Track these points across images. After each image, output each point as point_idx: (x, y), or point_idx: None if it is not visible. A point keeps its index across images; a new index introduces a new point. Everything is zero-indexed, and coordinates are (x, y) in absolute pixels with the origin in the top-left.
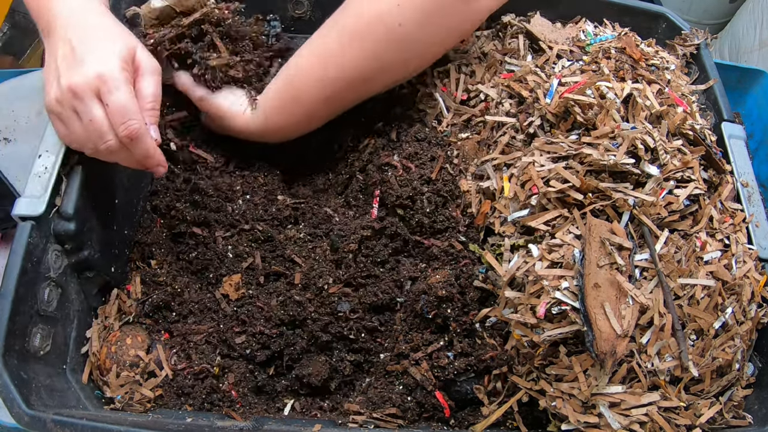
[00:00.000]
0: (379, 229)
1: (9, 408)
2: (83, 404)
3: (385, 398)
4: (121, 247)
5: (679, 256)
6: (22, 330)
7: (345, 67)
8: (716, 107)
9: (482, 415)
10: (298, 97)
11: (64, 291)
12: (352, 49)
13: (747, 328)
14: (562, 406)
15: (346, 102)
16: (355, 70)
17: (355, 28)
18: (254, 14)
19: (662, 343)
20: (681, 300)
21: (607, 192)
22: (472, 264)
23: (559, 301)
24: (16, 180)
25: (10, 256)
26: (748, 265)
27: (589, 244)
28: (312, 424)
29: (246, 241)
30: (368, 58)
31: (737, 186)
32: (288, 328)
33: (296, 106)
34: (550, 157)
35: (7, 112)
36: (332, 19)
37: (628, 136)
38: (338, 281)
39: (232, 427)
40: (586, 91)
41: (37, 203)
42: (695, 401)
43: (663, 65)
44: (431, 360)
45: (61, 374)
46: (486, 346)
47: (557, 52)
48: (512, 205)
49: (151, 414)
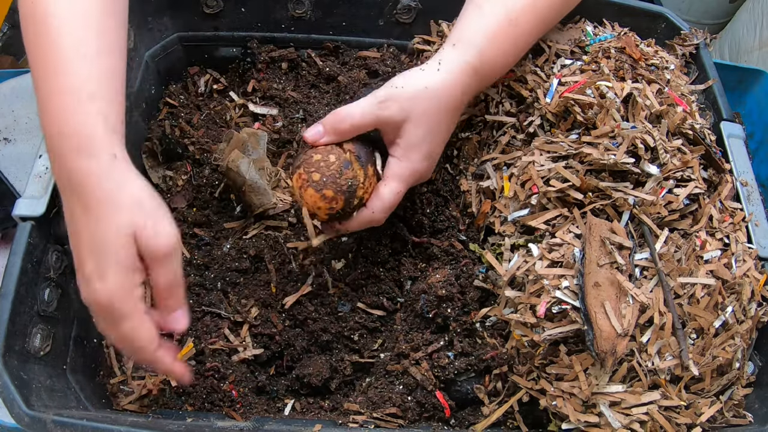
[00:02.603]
0: (379, 229)
1: (9, 408)
2: (83, 405)
3: (386, 398)
4: None
5: (679, 255)
6: (22, 330)
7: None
8: (715, 107)
9: (483, 415)
10: (516, 20)
11: (65, 291)
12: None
13: (747, 327)
14: (562, 406)
15: (549, 24)
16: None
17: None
18: (254, 14)
19: (662, 342)
20: (681, 299)
21: (607, 191)
22: (472, 264)
23: (559, 300)
24: (16, 180)
25: (11, 257)
26: (748, 264)
27: (590, 244)
28: (312, 424)
29: (249, 242)
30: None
31: (737, 185)
32: (289, 327)
33: (514, 29)
34: (550, 157)
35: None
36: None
37: (628, 136)
38: (338, 281)
39: (233, 427)
40: (586, 90)
41: (37, 204)
42: (695, 400)
43: (663, 65)
44: (431, 360)
45: (62, 375)
46: (486, 346)
47: (557, 51)
48: (512, 205)
49: (151, 414)
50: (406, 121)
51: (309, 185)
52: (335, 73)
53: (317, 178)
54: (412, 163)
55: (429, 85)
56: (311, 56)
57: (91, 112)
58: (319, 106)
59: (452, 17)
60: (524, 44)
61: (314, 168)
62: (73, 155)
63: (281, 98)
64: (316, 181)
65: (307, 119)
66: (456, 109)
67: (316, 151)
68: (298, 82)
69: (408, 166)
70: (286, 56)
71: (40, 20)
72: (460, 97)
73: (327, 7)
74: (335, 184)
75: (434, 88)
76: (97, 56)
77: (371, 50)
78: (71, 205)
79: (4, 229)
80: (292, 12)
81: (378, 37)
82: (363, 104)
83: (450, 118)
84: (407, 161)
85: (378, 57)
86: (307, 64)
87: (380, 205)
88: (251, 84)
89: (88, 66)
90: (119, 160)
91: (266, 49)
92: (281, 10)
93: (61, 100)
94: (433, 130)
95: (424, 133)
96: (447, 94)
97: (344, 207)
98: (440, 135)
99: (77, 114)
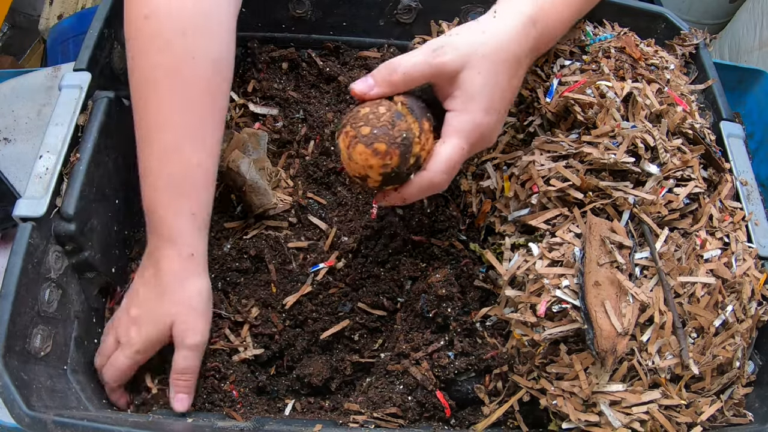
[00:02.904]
0: (379, 229)
1: (10, 409)
2: (84, 405)
3: (386, 398)
4: (121, 247)
5: (679, 255)
6: (22, 331)
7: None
8: (715, 107)
9: (483, 415)
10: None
11: (65, 292)
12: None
13: (747, 326)
14: (562, 405)
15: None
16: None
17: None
18: (255, 14)
19: (663, 341)
20: (681, 298)
21: (608, 191)
22: (472, 263)
23: (559, 299)
24: (17, 180)
25: (11, 257)
26: (748, 263)
27: (590, 243)
28: (312, 424)
29: (249, 242)
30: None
31: (736, 184)
32: (289, 327)
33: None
34: (551, 156)
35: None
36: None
37: (628, 135)
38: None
39: (233, 427)
40: (586, 90)
41: (37, 204)
42: (696, 399)
43: (662, 65)
44: (432, 359)
45: (62, 375)
46: (486, 346)
47: (556, 51)
48: (513, 204)
49: (152, 414)
50: (464, 68)
51: (358, 141)
52: (336, 74)
53: (367, 132)
54: (472, 115)
55: (486, 29)
56: (312, 56)
57: (184, 211)
58: (319, 106)
59: (452, 17)
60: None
61: (363, 122)
62: (163, 238)
63: (281, 98)
64: (365, 135)
65: (307, 119)
66: (517, 62)
67: (364, 106)
68: (299, 82)
69: (469, 119)
70: (287, 56)
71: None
72: (521, 46)
73: (327, 7)
74: (387, 136)
75: (493, 32)
76: (193, 153)
77: (372, 50)
78: (148, 263)
79: (4, 230)
80: (292, 12)
81: (378, 37)
82: (416, 53)
83: (512, 69)
84: (467, 113)
85: (378, 57)
86: (307, 64)
87: (441, 166)
88: (251, 84)
89: (185, 164)
90: (195, 258)
91: (266, 49)
92: (282, 10)
93: (158, 190)
94: (495, 79)
95: (484, 80)
96: (507, 39)
97: (399, 164)
98: (502, 87)
99: (170, 207)
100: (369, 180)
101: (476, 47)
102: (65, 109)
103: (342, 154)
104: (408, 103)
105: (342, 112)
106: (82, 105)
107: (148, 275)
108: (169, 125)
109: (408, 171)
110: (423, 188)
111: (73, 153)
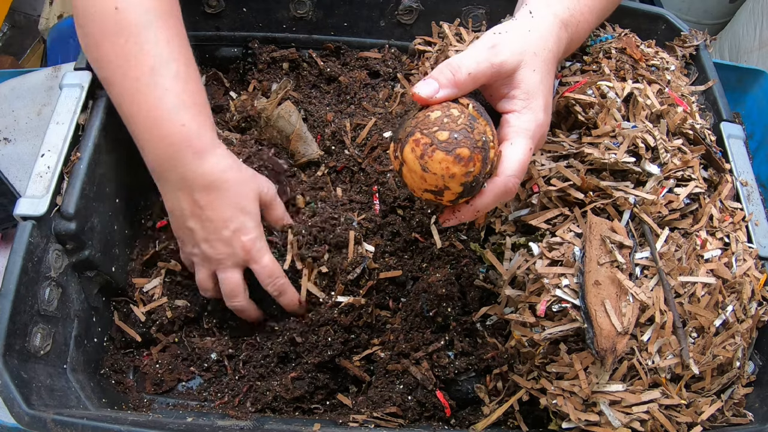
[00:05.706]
0: (382, 224)
1: (9, 408)
2: (83, 404)
3: (386, 397)
4: (122, 246)
5: (679, 254)
6: (22, 330)
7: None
8: (715, 107)
9: (483, 414)
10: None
11: (65, 291)
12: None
13: (747, 326)
14: (562, 404)
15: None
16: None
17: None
18: (256, 14)
19: (663, 341)
20: (681, 298)
21: (608, 190)
22: (472, 263)
23: (559, 298)
24: (17, 180)
25: (11, 256)
26: (748, 263)
27: (590, 242)
28: (312, 423)
29: None
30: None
31: (737, 185)
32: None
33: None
34: (551, 156)
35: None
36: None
37: (628, 135)
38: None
39: (233, 426)
40: (587, 90)
41: (38, 203)
42: (696, 399)
43: (663, 66)
44: (432, 359)
45: (62, 374)
46: (486, 345)
47: None
48: (513, 204)
49: (152, 414)
50: (521, 66)
51: (435, 148)
52: (336, 74)
53: (445, 137)
54: (535, 114)
55: (532, 28)
56: (312, 56)
57: (209, 125)
58: (320, 106)
59: (453, 18)
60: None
61: (437, 126)
62: (189, 158)
63: (282, 98)
64: (444, 141)
65: (308, 119)
66: (556, 62)
67: (431, 109)
68: (299, 82)
69: (532, 118)
70: (288, 56)
71: (123, 29)
72: (558, 47)
73: (328, 7)
74: (469, 140)
75: (539, 32)
76: (185, 67)
77: (372, 51)
78: (185, 195)
79: (4, 229)
80: (293, 12)
81: (379, 37)
82: (473, 53)
83: (554, 69)
84: (530, 112)
85: (379, 57)
86: (308, 64)
87: (514, 169)
88: (252, 84)
89: (182, 84)
90: (222, 147)
91: (267, 50)
92: (282, 10)
93: (157, 114)
94: (548, 77)
95: (540, 77)
96: (550, 39)
97: (481, 171)
98: (551, 85)
99: (177, 124)
100: (447, 193)
101: (527, 46)
102: (66, 108)
103: (411, 166)
104: (475, 105)
105: (342, 111)
106: (82, 104)
107: (199, 198)
108: (173, 57)
109: (483, 179)
110: (498, 196)
111: (73, 152)
